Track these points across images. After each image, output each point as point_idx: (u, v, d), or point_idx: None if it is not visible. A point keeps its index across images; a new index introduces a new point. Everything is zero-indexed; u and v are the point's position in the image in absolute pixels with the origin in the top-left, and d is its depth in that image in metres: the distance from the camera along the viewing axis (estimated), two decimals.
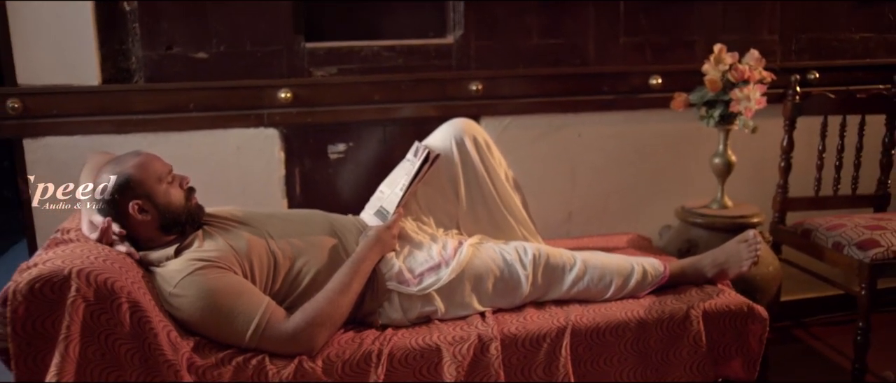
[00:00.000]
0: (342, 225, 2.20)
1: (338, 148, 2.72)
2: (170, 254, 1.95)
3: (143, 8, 2.48)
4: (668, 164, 3.01)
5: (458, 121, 2.40)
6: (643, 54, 2.94)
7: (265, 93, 2.59)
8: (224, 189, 2.42)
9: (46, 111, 2.44)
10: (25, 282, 1.70)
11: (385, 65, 2.70)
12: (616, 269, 2.19)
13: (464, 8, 2.72)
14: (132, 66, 2.51)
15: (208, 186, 2.18)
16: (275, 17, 2.57)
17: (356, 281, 2.01)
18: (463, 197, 2.35)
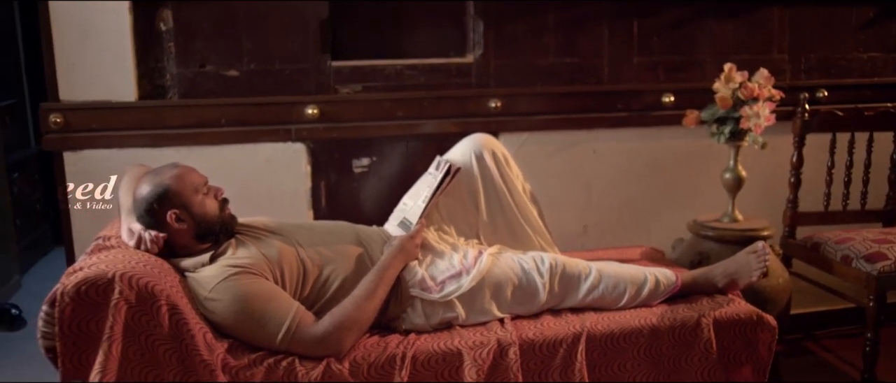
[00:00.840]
0: (367, 235, 2.30)
1: (362, 162, 2.83)
2: (205, 261, 2.05)
3: (179, 28, 2.61)
4: (680, 179, 3.10)
5: (478, 136, 2.50)
6: (656, 73, 3.04)
7: (293, 109, 2.70)
8: (253, 200, 2.53)
9: (86, 125, 2.57)
10: (72, 285, 1.82)
11: (407, 83, 2.82)
12: (630, 279, 2.28)
13: (483, 28, 2.84)
14: (167, 83, 2.64)
15: (238, 198, 2.28)
16: (303, 37, 2.70)
17: (381, 287, 2.11)
18: (483, 208, 2.45)
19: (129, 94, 2.60)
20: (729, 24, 3.07)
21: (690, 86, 3.00)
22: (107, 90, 2.58)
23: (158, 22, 2.59)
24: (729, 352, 2.20)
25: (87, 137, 2.58)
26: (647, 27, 3.00)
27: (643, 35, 3.00)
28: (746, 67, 2.70)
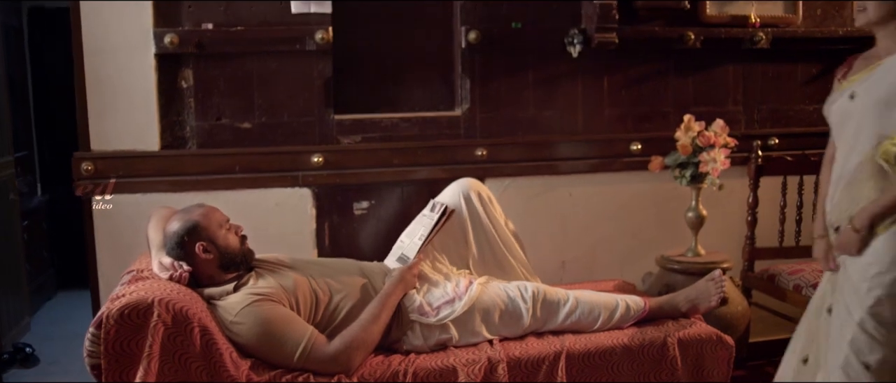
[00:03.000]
0: (370, 269, 2.58)
1: (362, 205, 3.08)
2: (230, 290, 2.32)
3: (198, 85, 2.89)
4: (648, 219, 3.36)
5: (465, 180, 2.81)
6: (625, 124, 3.34)
7: (300, 157, 2.97)
8: (264, 240, 2.73)
9: (113, 172, 2.82)
10: (116, 309, 2.07)
11: (402, 133, 3.09)
12: (603, 304, 2.57)
13: (470, 85, 3.13)
14: (187, 134, 2.91)
15: (251, 237, 2.50)
16: (309, 93, 2.98)
17: (384, 312, 2.38)
18: (472, 242, 2.73)
19: (152, 144, 2.86)
20: (689, 80, 3.38)
21: (656, 134, 3.27)
22: (133, 140, 2.84)
23: (180, 80, 2.88)
24: (692, 368, 2.48)
25: (114, 183, 2.83)
26: (617, 83, 3.29)
27: (613, 90, 3.29)
28: (705, 118, 2.99)
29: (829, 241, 2.22)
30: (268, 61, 2.94)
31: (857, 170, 2.11)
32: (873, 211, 2.04)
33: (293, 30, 2.91)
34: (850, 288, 2.09)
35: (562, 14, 3.17)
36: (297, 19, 2.92)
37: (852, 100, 2.14)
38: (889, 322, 2.02)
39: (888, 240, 2.03)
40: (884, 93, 2.06)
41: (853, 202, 2.11)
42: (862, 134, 2.10)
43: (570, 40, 3.14)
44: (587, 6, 3.14)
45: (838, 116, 2.22)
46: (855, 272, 2.08)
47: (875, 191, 2.07)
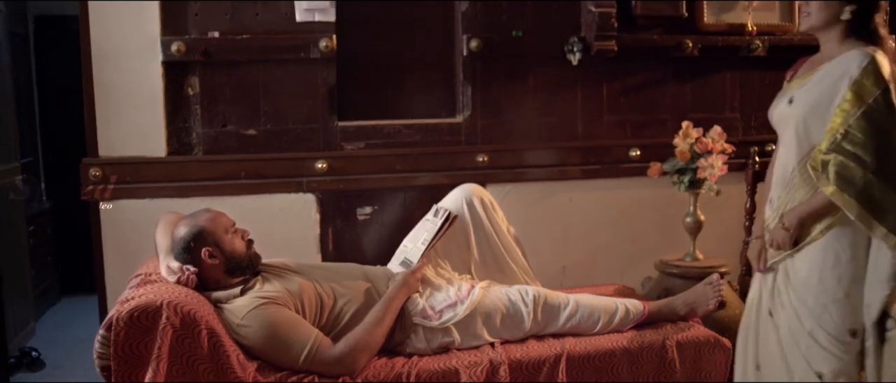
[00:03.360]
0: (374, 273, 2.62)
1: (365, 210, 3.13)
2: (236, 294, 2.36)
3: (204, 92, 2.94)
4: (647, 224, 3.41)
5: (468, 186, 2.85)
6: (624, 130, 3.38)
7: (304, 164, 3.02)
8: (269, 245, 2.74)
9: (121, 178, 2.87)
10: (126, 312, 2.11)
11: (405, 140, 3.14)
12: (603, 308, 2.61)
13: (471, 92, 3.18)
14: (193, 141, 2.96)
15: (256, 242, 2.54)
16: (313, 101, 3.03)
17: (388, 316, 2.42)
18: (474, 247, 2.77)
19: (159, 150, 2.91)
20: (687, 87, 3.43)
21: (654, 141, 3.32)
22: (140, 147, 2.89)
23: (187, 87, 2.93)
24: (690, 370, 2.53)
25: (121, 189, 2.87)
26: (616, 90, 3.34)
27: (612, 96, 3.35)
28: (703, 125, 3.03)
29: (763, 243, 2.28)
30: (273, 69, 2.99)
31: (792, 175, 2.17)
32: (802, 211, 2.13)
33: (298, 38, 2.96)
34: (796, 297, 2.15)
35: (562, 22, 3.22)
36: (302, 28, 2.97)
37: (791, 104, 2.19)
38: (837, 329, 2.10)
39: (825, 247, 2.11)
40: (816, 100, 2.12)
41: (789, 204, 2.17)
42: (796, 140, 2.16)
43: (569, 48, 3.19)
44: (587, 15, 3.19)
45: (778, 120, 2.27)
46: (799, 283, 2.14)
47: (807, 195, 2.13)
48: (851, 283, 2.12)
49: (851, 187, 2.02)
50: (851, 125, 2.03)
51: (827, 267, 2.11)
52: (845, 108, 2.05)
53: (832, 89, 2.09)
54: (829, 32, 2.18)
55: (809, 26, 2.20)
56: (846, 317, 2.12)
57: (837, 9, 2.13)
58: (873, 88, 2.04)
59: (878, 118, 2.03)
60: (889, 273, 2.06)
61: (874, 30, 2.14)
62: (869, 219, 2.02)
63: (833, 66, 2.12)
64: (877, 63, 2.06)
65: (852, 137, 2.03)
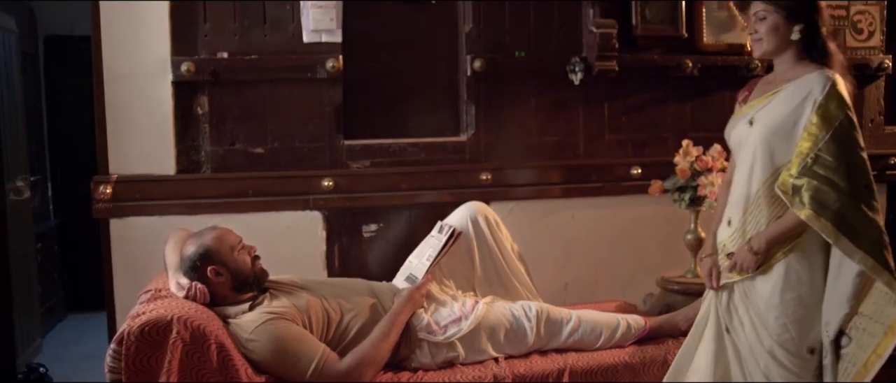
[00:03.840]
0: (379, 289, 2.67)
1: (370, 228, 3.17)
2: (245, 309, 2.41)
3: (213, 111, 3.00)
4: (648, 241, 3.43)
5: (473, 204, 2.90)
6: (625, 149, 3.43)
7: (311, 181, 3.06)
8: (275, 262, 2.77)
9: (131, 196, 2.91)
10: (137, 326, 2.16)
11: (410, 158, 3.19)
12: (605, 323, 2.65)
13: (475, 111, 3.23)
14: (202, 159, 3.01)
15: (263, 259, 2.58)
16: (320, 120, 3.08)
17: (394, 331, 2.46)
18: (477, 264, 2.82)
19: (169, 168, 2.96)
20: (687, 106, 3.47)
21: (655, 159, 3.35)
22: (150, 165, 2.94)
23: (196, 106, 2.99)
24: None
25: (131, 206, 2.92)
26: (617, 109, 3.39)
27: (614, 116, 3.39)
28: (703, 143, 3.05)
29: (716, 261, 2.31)
30: (280, 89, 3.05)
31: (756, 196, 2.20)
32: (770, 235, 2.15)
33: (305, 59, 3.02)
34: (756, 316, 2.19)
35: (563, 43, 3.28)
36: (309, 49, 3.03)
37: (751, 125, 2.23)
38: (796, 347, 2.15)
39: (786, 268, 2.15)
40: (779, 121, 2.15)
41: (754, 227, 2.20)
42: (758, 161, 2.19)
43: (571, 68, 3.24)
44: (588, 35, 3.25)
45: (737, 141, 2.30)
46: (761, 302, 2.19)
47: (772, 217, 2.17)
48: (810, 303, 2.17)
49: (827, 211, 2.05)
50: (821, 149, 2.07)
51: (788, 287, 2.16)
52: (813, 132, 2.08)
53: (797, 110, 2.13)
54: (782, 54, 2.22)
55: (762, 52, 2.24)
56: (805, 336, 2.16)
57: (786, 30, 2.18)
58: (838, 112, 2.08)
59: (845, 140, 2.08)
60: (850, 293, 2.11)
61: (824, 46, 2.19)
62: (845, 242, 2.05)
63: (795, 87, 2.16)
64: (838, 86, 2.11)
65: (823, 161, 2.06)
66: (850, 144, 2.09)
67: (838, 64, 2.19)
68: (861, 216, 2.06)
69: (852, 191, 2.06)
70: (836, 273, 2.14)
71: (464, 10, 3.22)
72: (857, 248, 2.05)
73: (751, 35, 2.26)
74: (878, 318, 2.10)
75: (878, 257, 2.06)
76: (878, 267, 2.06)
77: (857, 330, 2.12)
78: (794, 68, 2.20)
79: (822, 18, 2.20)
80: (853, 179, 2.07)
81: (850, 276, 2.11)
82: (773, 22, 2.18)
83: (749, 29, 2.26)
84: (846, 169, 2.07)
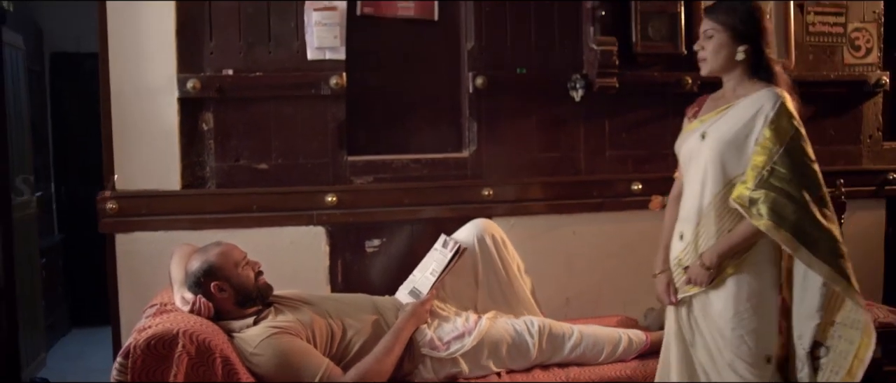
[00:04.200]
0: (382, 304, 2.69)
1: (373, 243, 3.19)
2: (249, 324, 2.43)
3: (218, 128, 3.03)
4: (649, 256, 3.36)
5: (480, 222, 2.93)
6: (626, 165, 3.46)
7: (314, 197, 3.09)
8: (279, 277, 2.78)
9: (137, 211, 2.95)
10: (143, 339, 2.18)
11: (412, 174, 3.21)
12: (607, 338, 2.67)
13: (477, 128, 3.26)
14: (207, 175, 3.04)
15: (266, 274, 2.60)
16: (323, 136, 3.11)
17: (397, 346, 2.48)
18: (481, 282, 2.84)
19: (174, 183, 2.99)
20: None
21: (655, 175, 3.37)
22: (155, 180, 2.97)
23: (201, 123, 3.02)
24: None
25: (137, 221, 2.94)
26: (618, 125, 3.42)
27: (614, 132, 3.42)
28: None
29: (671, 277, 2.36)
30: (284, 105, 3.08)
31: (707, 209, 2.24)
32: (721, 248, 2.20)
33: (309, 76, 3.06)
34: (715, 331, 2.23)
35: (564, 60, 3.32)
36: (313, 66, 3.06)
37: (703, 139, 2.27)
38: (754, 357, 2.19)
39: (739, 281, 2.20)
40: (732, 135, 2.21)
41: (705, 239, 2.24)
42: (710, 174, 2.24)
43: (572, 85, 3.28)
44: (588, 53, 3.29)
45: (688, 155, 2.34)
46: (717, 316, 2.23)
47: (723, 231, 2.21)
48: (763, 313, 2.22)
49: (786, 221, 2.10)
50: (776, 162, 2.13)
51: (741, 299, 2.21)
52: (767, 146, 2.14)
53: (748, 125, 2.19)
54: (730, 73, 2.29)
55: (709, 69, 2.30)
56: (761, 346, 2.21)
57: (732, 50, 2.24)
58: (789, 127, 2.15)
59: (797, 154, 2.15)
60: (818, 304, 2.16)
61: (769, 66, 2.26)
62: (804, 251, 2.11)
63: (746, 103, 2.22)
64: (787, 103, 2.18)
65: (778, 173, 2.12)
66: (802, 157, 2.16)
67: (784, 83, 2.26)
68: (817, 226, 2.13)
69: (807, 202, 2.12)
70: (802, 286, 2.21)
71: (466, 28, 3.26)
72: (816, 257, 2.11)
73: (698, 52, 2.32)
74: (853, 324, 2.16)
75: (835, 266, 2.13)
76: (835, 275, 2.13)
77: (833, 339, 2.18)
78: (743, 85, 2.27)
79: (766, 40, 2.27)
80: (808, 191, 2.14)
81: (816, 288, 2.17)
82: (719, 41, 2.25)
83: (697, 46, 2.32)
84: (800, 181, 2.13)
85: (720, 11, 2.26)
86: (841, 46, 3.65)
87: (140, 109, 2.94)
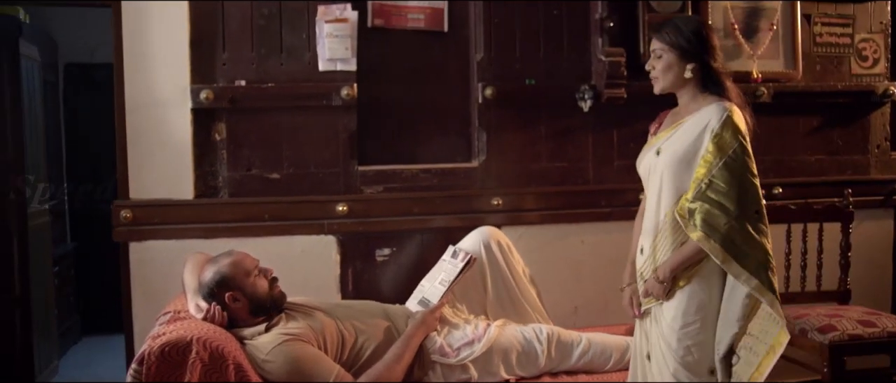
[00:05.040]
0: (393, 311, 2.72)
1: (384, 252, 3.22)
2: (261, 331, 2.46)
3: (231, 138, 3.07)
4: None
5: (486, 229, 2.95)
6: (634, 174, 3.40)
7: (325, 206, 3.13)
8: (290, 285, 2.79)
9: (151, 220, 2.99)
10: (158, 346, 2.21)
11: (422, 184, 3.25)
12: (615, 345, 2.69)
13: (486, 138, 3.29)
14: (219, 184, 3.08)
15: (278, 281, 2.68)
16: (334, 146, 3.15)
17: (407, 353, 2.51)
18: (490, 289, 2.87)
19: (187, 193, 3.03)
20: None
21: None
22: (169, 190, 3.01)
23: (214, 133, 3.06)
24: None
25: (150, 230, 2.99)
26: (626, 135, 3.44)
27: (622, 142, 3.44)
28: None
29: (635, 289, 2.40)
30: (296, 116, 3.12)
31: (663, 224, 2.29)
32: (673, 262, 2.24)
33: (320, 86, 3.10)
34: (663, 341, 2.27)
35: (573, 71, 3.35)
36: (324, 77, 3.11)
37: (658, 156, 2.33)
38: (699, 368, 2.23)
39: (689, 293, 2.24)
40: (682, 151, 2.25)
41: (662, 253, 2.28)
42: (664, 189, 2.29)
43: (580, 95, 3.31)
44: (597, 63, 3.32)
45: (646, 171, 2.39)
46: (665, 327, 2.27)
47: (676, 244, 2.25)
48: (711, 326, 2.25)
49: (716, 233, 2.14)
50: (714, 175, 2.17)
51: (690, 311, 2.24)
52: (708, 159, 2.19)
53: (697, 141, 2.23)
54: (682, 89, 2.33)
55: (661, 88, 2.35)
56: (705, 357, 2.25)
57: (680, 69, 2.29)
58: (732, 141, 2.19)
59: (737, 168, 2.18)
60: (741, 313, 2.20)
61: (719, 80, 2.30)
62: (732, 263, 2.15)
63: (696, 119, 2.26)
64: (734, 116, 2.22)
65: (716, 186, 2.16)
66: (741, 171, 2.19)
67: (736, 96, 2.30)
68: (749, 239, 2.17)
69: (741, 214, 2.17)
70: (730, 294, 2.24)
71: (475, 39, 3.30)
72: (743, 269, 2.15)
73: (649, 71, 2.37)
74: (763, 338, 2.20)
75: (762, 278, 2.16)
76: (762, 287, 2.16)
77: (744, 349, 2.23)
78: (696, 100, 2.32)
79: (713, 56, 2.30)
80: (743, 204, 2.18)
81: (740, 297, 2.21)
82: (667, 61, 2.30)
83: (649, 65, 2.37)
84: (737, 194, 2.17)
85: (666, 32, 2.30)
86: (848, 57, 3.68)
87: (154, 120, 2.99)
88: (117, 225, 2.97)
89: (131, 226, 2.98)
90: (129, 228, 2.98)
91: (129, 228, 2.98)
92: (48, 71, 4.64)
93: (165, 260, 2.97)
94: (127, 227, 2.98)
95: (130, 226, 2.98)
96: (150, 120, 2.99)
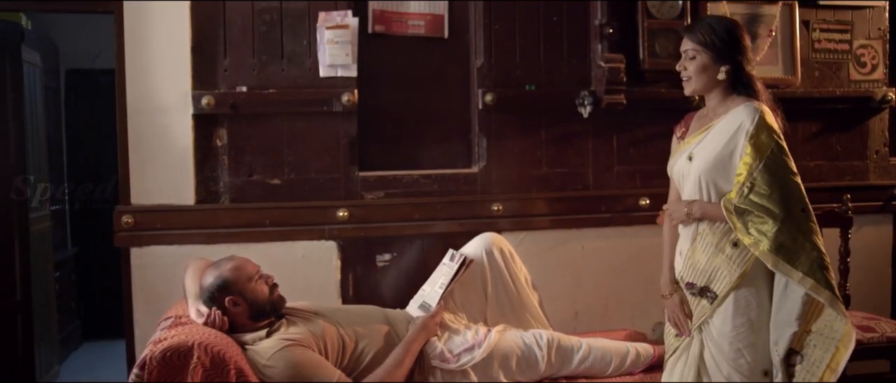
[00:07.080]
0: (394, 316, 2.73)
1: (384, 257, 3.23)
2: (262, 336, 2.47)
3: (232, 144, 3.08)
4: (657, 271, 3.39)
5: (488, 235, 2.96)
6: (634, 180, 3.49)
7: (326, 212, 3.14)
8: (291, 290, 2.81)
9: (152, 225, 3.00)
10: (159, 351, 2.22)
11: (423, 189, 3.26)
12: (615, 351, 2.70)
13: (486, 143, 3.30)
14: (220, 190, 3.09)
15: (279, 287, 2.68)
16: (335, 152, 3.16)
17: (408, 358, 2.52)
18: (490, 295, 2.87)
19: (188, 198, 3.04)
20: None
21: (663, 190, 3.30)
22: (170, 195, 3.02)
23: (215, 139, 3.07)
24: None
25: (152, 235, 3.00)
26: (626, 141, 3.46)
27: (622, 147, 3.46)
28: None
29: (683, 297, 2.39)
30: (297, 122, 3.13)
31: (702, 228, 2.30)
32: (708, 209, 2.26)
33: (321, 93, 3.11)
34: (715, 348, 2.28)
35: (572, 77, 3.36)
36: (325, 83, 3.12)
37: (690, 161, 2.32)
38: (751, 371, 2.24)
39: (736, 299, 2.25)
40: (716, 155, 2.25)
41: (700, 256, 2.29)
42: (702, 193, 2.29)
43: (580, 101, 3.32)
44: (596, 69, 3.33)
45: (679, 176, 2.40)
46: (716, 333, 2.28)
47: (717, 249, 2.26)
48: (760, 327, 2.25)
49: (765, 238, 2.15)
50: (755, 178, 2.17)
51: (738, 314, 2.25)
52: (748, 162, 2.19)
53: (731, 143, 2.23)
54: (712, 92, 2.33)
55: (692, 90, 2.35)
56: (758, 359, 2.25)
57: (714, 70, 2.28)
58: (769, 141, 2.19)
59: (778, 168, 2.18)
60: (798, 313, 2.19)
61: (751, 82, 2.29)
62: (785, 266, 2.15)
63: (727, 120, 2.26)
64: (766, 117, 2.22)
65: (759, 189, 2.16)
66: (782, 171, 2.19)
67: (765, 97, 2.30)
68: (798, 239, 2.16)
69: (787, 216, 2.15)
70: (782, 294, 2.23)
71: (475, 46, 3.31)
72: (796, 270, 2.14)
73: (681, 72, 2.36)
74: (828, 334, 2.19)
75: (818, 277, 2.15)
76: (818, 286, 2.15)
77: (808, 348, 2.21)
78: (725, 103, 2.31)
79: (746, 58, 2.30)
80: (787, 205, 2.17)
81: (798, 297, 2.19)
82: (701, 62, 2.29)
83: (680, 66, 2.35)
84: (780, 195, 2.16)
85: (701, 31, 2.29)
86: (847, 63, 3.69)
87: (155, 125, 3.00)
88: (118, 230, 2.98)
89: (132, 232, 2.99)
90: (131, 233, 2.99)
91: (130, 233, 2.99)
92: (50, 77, 4.65)
93: (166, 265, 2.98)
94: (128, 232, 2.99)
95: (131, 232, 2.99)
96: (152, 125, 3.00)
